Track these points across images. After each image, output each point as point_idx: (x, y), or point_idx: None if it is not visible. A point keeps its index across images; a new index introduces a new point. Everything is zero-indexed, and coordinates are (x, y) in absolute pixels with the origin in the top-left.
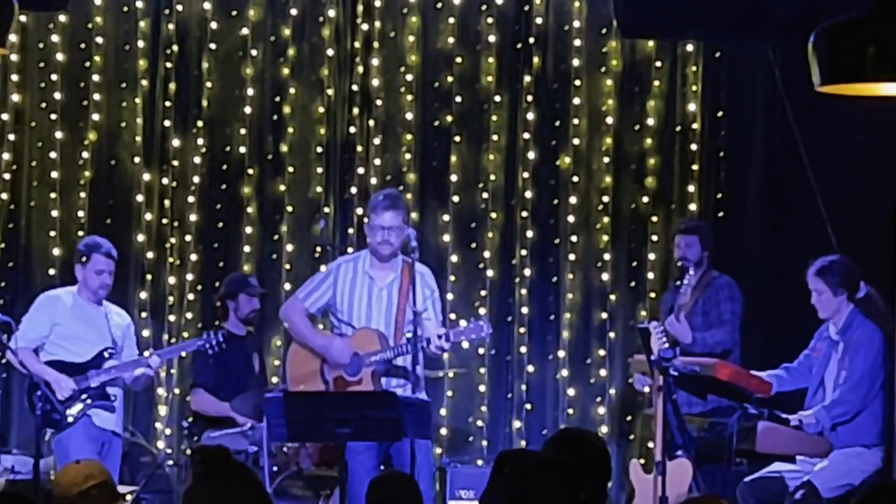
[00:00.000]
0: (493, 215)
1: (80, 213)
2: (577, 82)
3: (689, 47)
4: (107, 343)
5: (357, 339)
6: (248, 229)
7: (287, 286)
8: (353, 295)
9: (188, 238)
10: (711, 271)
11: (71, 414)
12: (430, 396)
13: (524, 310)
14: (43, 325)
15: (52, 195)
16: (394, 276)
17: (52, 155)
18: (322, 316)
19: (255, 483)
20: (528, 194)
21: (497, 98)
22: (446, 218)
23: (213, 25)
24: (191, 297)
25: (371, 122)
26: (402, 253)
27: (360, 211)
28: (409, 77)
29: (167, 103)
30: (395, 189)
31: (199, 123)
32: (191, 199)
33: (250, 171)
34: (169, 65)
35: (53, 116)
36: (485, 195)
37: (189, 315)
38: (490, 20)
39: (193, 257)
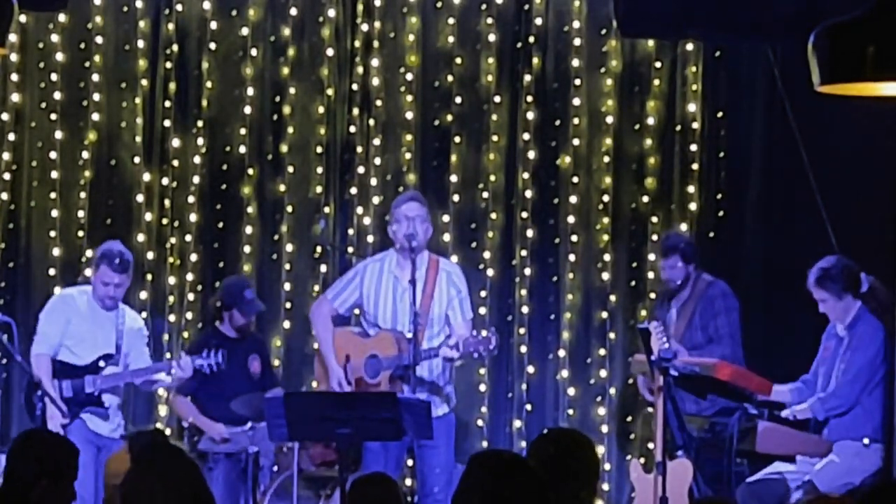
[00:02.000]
0: (493, 215)
1: (80, 213)
2: (577, 82)
3: (689, 47)
4: (109, 349)
5: (377, 341)
6: (248, 229)
7: (287, 286)
8: (378, 295)
9: (188, 238)
10: (703, 277)
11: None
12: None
13: (524, 310)
14: (60, 322)
15: (52, 195)
16: (419, 275)
17: (52, 155)
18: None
19: (192, 466)
20: (528, 194)
21: (497, 98)
22: (446, 218)
23: (213, 25)
24: (191, 297)
25: (371, 122)
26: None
27: (360, 211)
28: (409, 77)
29: (167, 103)
30: None
31: (199, 123)
32: (191, 199)
33: (250, 171)
34: (169, 65)
35: (53, 116)
36: (485, 195)
37: (189, 315)
38: (490, 20)
39: (193, 257)
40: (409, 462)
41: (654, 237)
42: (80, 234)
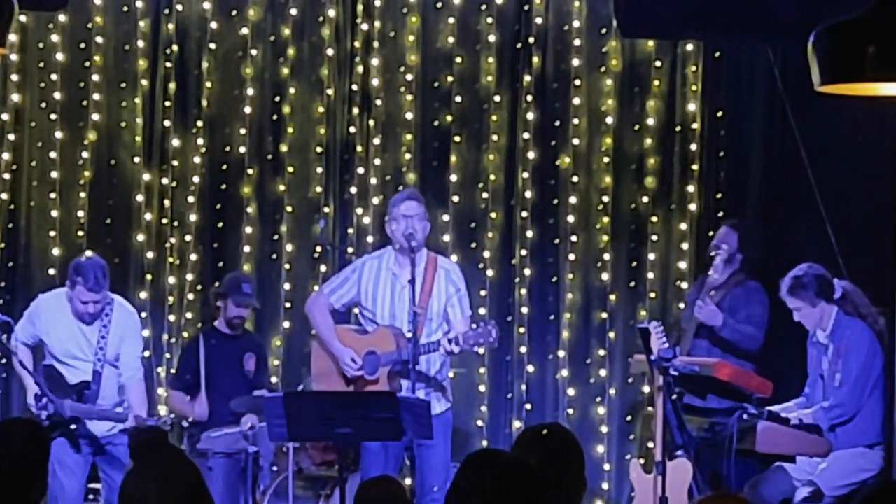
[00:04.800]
0: (493, 215)
1: (80, 213)
2: (577, 82)
3: (689, 47)
4: (87, 373)
5: (375, 337)
6: (248, 229)
7: (287, 286)
8: (376, 292)
9: (188, 238)
10: (741, 274)
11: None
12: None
13: (524, 310)
14: (33, 333)
15: (52, 195)
16: (417, 272)
17: (52, 155)
18: (347, 311)
19: (191, 466)
20: (528, 194)
21: (497, 98)
22: (446, 218)
23: (213, 25)
24: (191, 297)
25: (371, 122)
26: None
27: (359, 211)
28: (409, 77)
29: (167, 103)
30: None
31: (199, 123)
32: (191, 199)
33: (250, 171)
34: (169, 65)
35: (53, 116)
36: (485, 195)
37: (189, 315)
38: (490, 20)
39: (193, 257)
40: (408, 461)
41: (654, 237)
42: (80, 234)
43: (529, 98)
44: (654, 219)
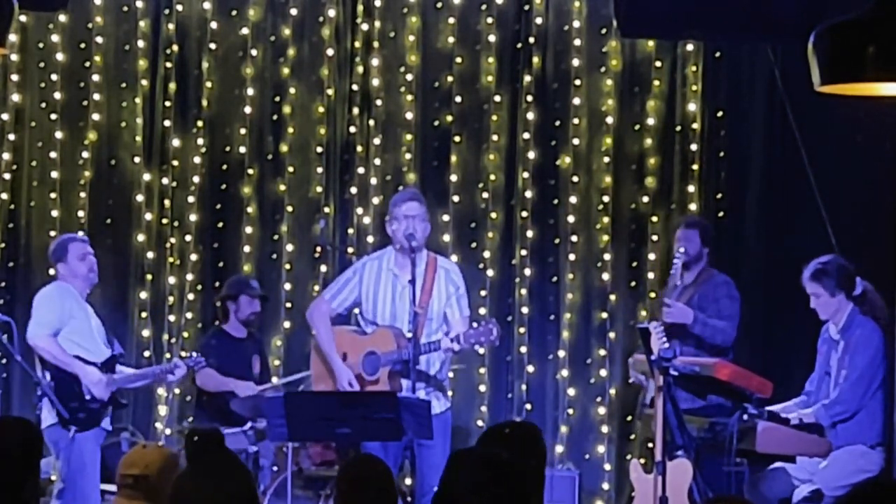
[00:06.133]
0: (493, 215)
1: (80, 213)
2: (577, 82)
3: (689, 47)
4: (106, 342)
5: (375, 337)
6: (248, 229)
7: (287, 286)
8: (377, 293)
9: (188, 238)
10: (710, 269)
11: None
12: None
13: (524, 310)
14: (63, 314)
15: (52, 195)
16: (417, 272)
17: (52, 155)
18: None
19: (246, 471)
20: (528, 194)
21: (497, 98)
22: (446, 218)
23: (213, 25)
24: (191, 297)
25: (371, 122)
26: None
27: (360, 211)
28: (409, 77)
29: (167, 103)
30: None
31: (199, 123)
32: (191, 199)
33: (250, 171)
34: (169, 65)
35: (53, 116)
36: (485, 195)
37: (189, 315)
38: (490, 20)
39: (193, 257)
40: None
41: (655, 237)
42: (80, 234)
43: (529, 98)
44: (655, 219)
